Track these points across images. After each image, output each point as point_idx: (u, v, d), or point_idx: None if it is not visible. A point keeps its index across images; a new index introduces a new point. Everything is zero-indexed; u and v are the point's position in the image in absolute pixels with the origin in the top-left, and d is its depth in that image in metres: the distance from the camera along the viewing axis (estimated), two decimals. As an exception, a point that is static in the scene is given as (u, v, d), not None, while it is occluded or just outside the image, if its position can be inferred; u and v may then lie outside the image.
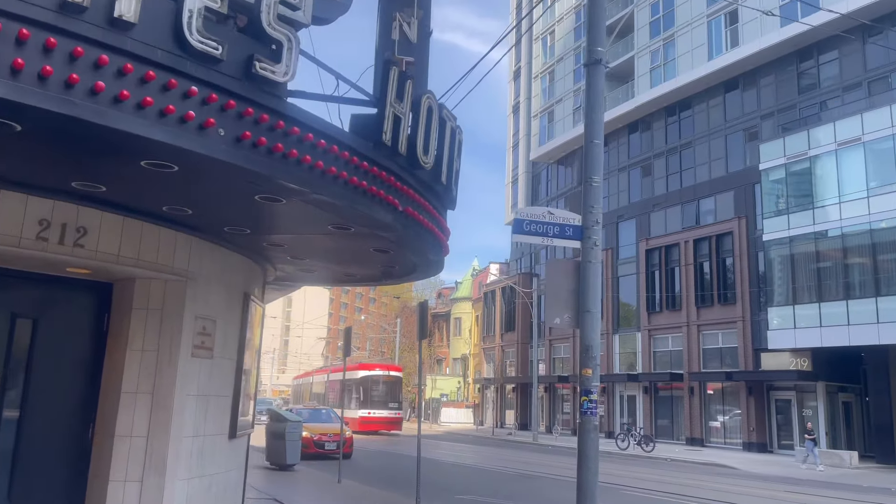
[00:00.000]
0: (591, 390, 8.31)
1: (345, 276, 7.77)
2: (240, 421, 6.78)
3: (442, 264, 7.01)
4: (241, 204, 4.92)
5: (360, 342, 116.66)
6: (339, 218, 5.05)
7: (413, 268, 6.97)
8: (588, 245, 8.61)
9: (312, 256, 6.82)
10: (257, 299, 7.39)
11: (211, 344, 6.24)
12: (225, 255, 6.49)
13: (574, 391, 44.83)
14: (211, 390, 6.28)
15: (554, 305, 8.64)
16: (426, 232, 5.84)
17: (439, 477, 17.99)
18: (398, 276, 7.47)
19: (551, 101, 50.95)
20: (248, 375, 7.23)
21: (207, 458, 6.22)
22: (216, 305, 6.35)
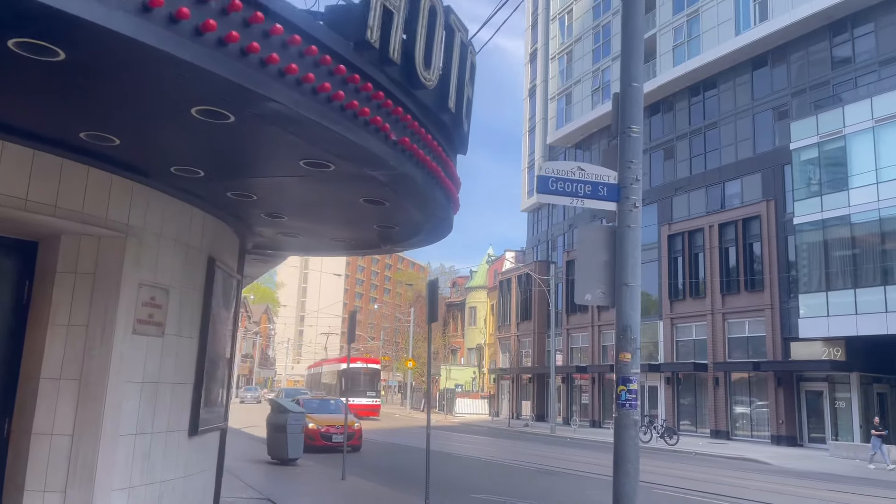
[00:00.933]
0: (630, 378, 6.98)
1: (335, 241, 6.51)
2: (205, 414, 5.55)
3: (451, 224, 5.72)
4: (177, 125, 3.65)
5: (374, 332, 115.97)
6: (310, 146, 3.77)
7: (416, 228, 5.69)
8: (626, 207, 7.29)
9: (291, 213, 5.55)
10: (229, 268, 6.15)
11: (161, 318, 5.00)
12: (182, 210, 5.24)
13: (593, 382, 43.46)
14: (163, 376, 5.05)
15: (585, 279, 7.31)
16: (429, 176, 4.56)
17: (453, 473, 16.76)
18: (399, 240, 6.20)
19: (569, 82, 49.34)
20: (219, 359, 5.99)
21: (157, 462, 4.99)
22: (169, 271, 5.11)
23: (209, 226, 5.58)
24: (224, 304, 6.10)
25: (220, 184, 4.83)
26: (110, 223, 4.57)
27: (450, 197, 5.17)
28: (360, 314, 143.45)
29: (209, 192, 5.09)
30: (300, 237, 6.40)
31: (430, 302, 10.85)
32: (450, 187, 5.07)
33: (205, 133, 3.72)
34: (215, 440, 6.20)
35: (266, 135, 3.72)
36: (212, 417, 5.79)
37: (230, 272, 6.19)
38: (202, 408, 5.47)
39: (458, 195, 5.51)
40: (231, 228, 6.11)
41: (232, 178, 4.69)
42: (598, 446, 28.51)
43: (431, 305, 10.80)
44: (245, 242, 6.82)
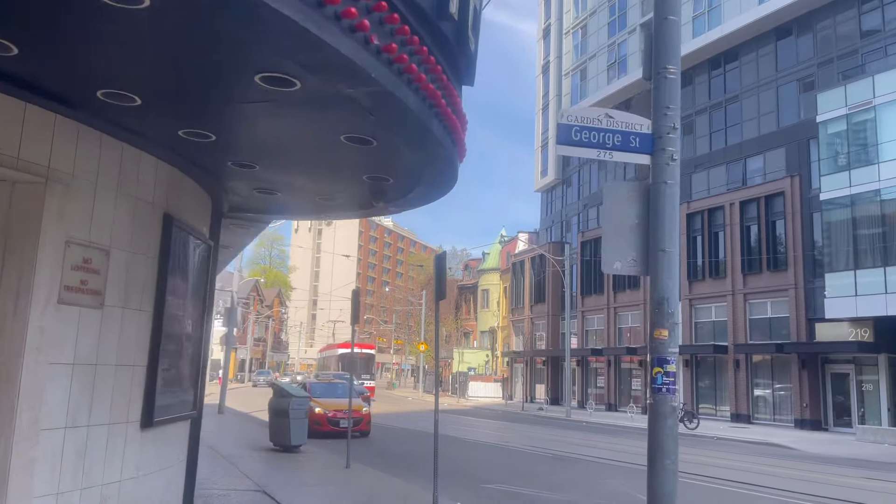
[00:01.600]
0: (668, 358, 6.00)
1: (322, 200, 5.56)
2: (163, 402, 4.64)
3: (455, 172, 4.75)
4: (88, 20, 2.69)
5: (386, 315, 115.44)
6: (265, 50, 2.80)
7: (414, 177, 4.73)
8: (661, 160, 6.31)
9: (262, 160, 4.61)
10: (198, 231, 5.22)
11: (99, 286, 4.08)
12: (127, 156, 4.30)
13: (608, 365, 42.47)
14: (103, 357, 4.14)
15: (613, 245, 6.31)
16: (424, 101, 3.59)
17: (464, 460, 15.90)
18: (395, 196, 5.23)
19: (584, 57, 47.93)
20: (185, 337, 5.07)
21: (97, 460, 4.10)
22: (109, 229, 4.19)
23: (165, 176, 4.64)
24: (191, 272, 5.17)
25: (165, 117, 3.89)
26: (24, 165, 3.64)
27: (453, 134, 4.20)
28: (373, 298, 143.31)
29: (156, 131, 4.15)
30: (280, 195, 5.45)
31: (437, 278, 9.89)
32: (452, 121, 4.10)
33: (127, 31, 2.77)
34: (182, 431, 5.30)
35: (205, 32, 2.76)
36: (174, 405, 4.88)
37: (199, 236, 5.26)
38: (158, 394, 4.56)
39: (464, 138, 4.53)
40: (198, 184, 5.17)
41: (175, 106, 3.74)
42: (615, 431, 27.61)
43: (439, 281, 9.84)
44: (219, 203, 5.89)
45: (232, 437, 17.97)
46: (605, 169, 46.28)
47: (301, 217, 6.09)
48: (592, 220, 47.04)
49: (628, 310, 41.84)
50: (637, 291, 40.69)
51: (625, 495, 11.82)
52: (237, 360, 78.80)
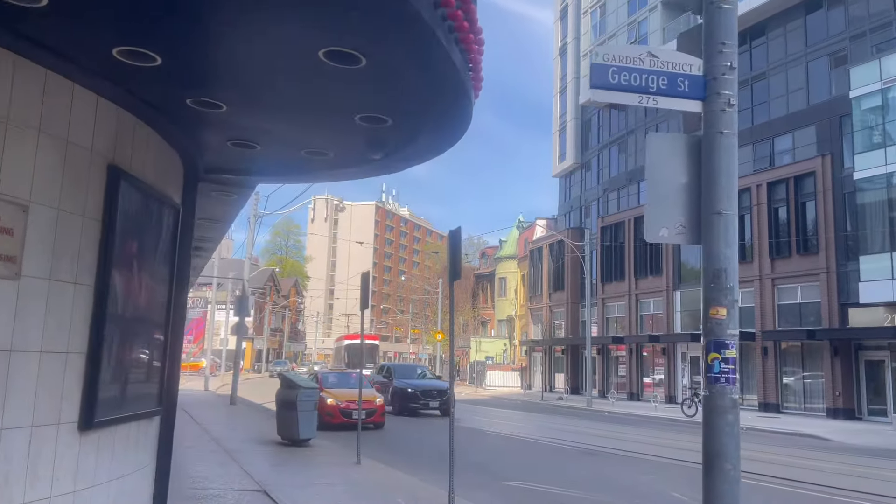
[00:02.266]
0: (727, 342, 5.05)
1: (309, 154, 4.63)
2: (110, 397, 3.76)
3: (469, 109, 3.80)
4: None
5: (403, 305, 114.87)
6: None
7: (417, 116, 3.78)
8: (716, 106, 5.33)
9: (223, 90, 3.69)
10: (158, 191, 4.31)
11: (13, 250, 3.19)
12: (52, 85, 3.40)
13: (630, 353, 41.38)
14: (21, 341, 3.25)
15: (657, 209, 5.32)
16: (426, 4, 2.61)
17: (482, 453, 15.02)
18: (396, 146, 4.28)
19: (603, 37, 46.55)
20: (143, 318, 4.18)
21: (15, 473, 3.22)
22: (29, 177, 3.29)
23: (109, 119, 3.74)
24: (153, 241, 4.27)
25: (91, 29, 2.98)
26: None
27: (467, 53, 3.25)
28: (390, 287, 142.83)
29: (83, 49, 3.24)
30: (260, 148, 4.54)
31: (451, 256, 8.95)
32: (465, 33, 3.14)
33: None
34: (144, 433, 4.41)
35: None
36: (130, 401, 4.00)
37: (163, 198, 4.36)
38: (104, 388, 3.68)
39: (481, 62, 3.58)
40: (161, 137, 4.27)
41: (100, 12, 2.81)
42: (639, 421, 26.62)
43: (453, 260, 8.90)
44: (192, 163, 4.99)
45: (240, 430, 17.22)
46: (625, 152, 45.02)
47: (290, 179, 5.19)
48: (612, 204, 45.81)
49: (650, 296, 40.69)
50: (659, 278, 39.53)
51: (662, 495, 10.86)
52: (254, 350, 78.55)
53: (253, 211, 28.50)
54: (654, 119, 42.18)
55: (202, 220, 6.82)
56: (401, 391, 24.42)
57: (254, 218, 28.30)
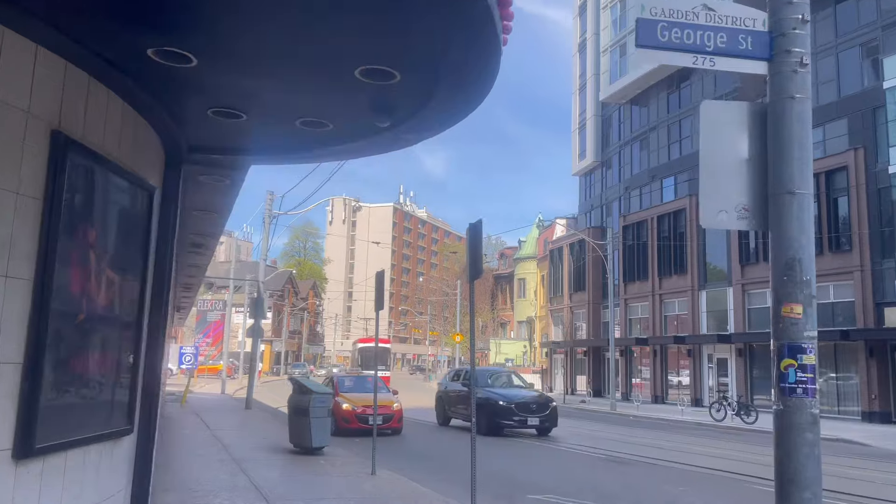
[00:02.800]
0: (803, 346, 4.26)
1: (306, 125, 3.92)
2: (55, 418, 3.06)
3: (497, 57, 3.06)
4: None
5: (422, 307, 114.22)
6: None
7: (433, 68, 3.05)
8: (786, 66, 4.55)
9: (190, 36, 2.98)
10: (127, 169, 3.62)
11: (-84, 234, 2.49)
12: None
13: (654, 354, 40.34)
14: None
15: (714, 190, 4.55)
16: None
17: (505, 462, 14.25)
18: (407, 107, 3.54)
19: (623, 32, 45.54)
20: (109, 321, 3.48)
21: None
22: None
23: (53, 74, 3.05)
24: (116, 226, 3.58)
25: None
26: None
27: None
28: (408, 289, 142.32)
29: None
30: (247, 118, 3.84)
31: (471, 252, 8.20)
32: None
33: None
34: (116, 455, 3.72)
35: None
36: (87, 421, 3.30)
37: (128, 175, 3.66)
38: (48, 406, 2.98)
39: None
40: (122, 99, 3.58)
41: None
42: (666, 426, 25.67)
43: (474, 256, 8.15)
44: (172, 139, 4.30)
45: (252, 436, 16.60)
46: (647, 148, 43.99)
47: (286, 158, 4.49)
48: (634, 202, 44.80)
49: (674, 296, 39.64)
50: (684, 277, 38.48)
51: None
52: (273, 352, 78.32)
53: (267, 211, 27.96)
54: (678, 114, 41.13)
55: (197, 211, 6.14)
56: (489, 404, 18.87)
57: (268, 218, 27.76)
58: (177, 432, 16.86)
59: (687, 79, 40.29)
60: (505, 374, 23.39)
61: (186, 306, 19.66)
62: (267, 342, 74.29)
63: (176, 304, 18.31)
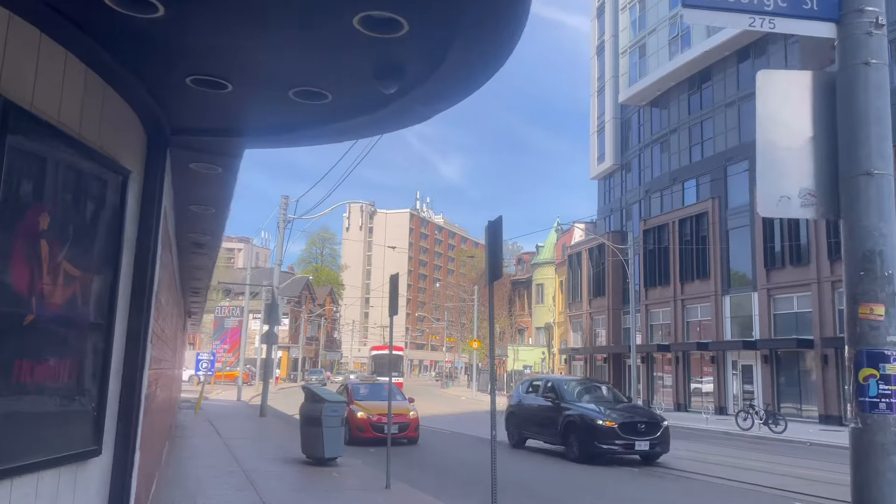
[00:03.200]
0: (886, 353, 3.65)
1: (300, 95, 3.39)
2: None
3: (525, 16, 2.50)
4: None
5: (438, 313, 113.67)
6: None
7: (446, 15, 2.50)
8: (858, 28, 3.97)
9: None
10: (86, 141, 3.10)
11: None
12: None
13: (676, 361, 39.45)
14: None
15: (773, 171, 3.97)
16: None
17: (525, 473, 13.63)
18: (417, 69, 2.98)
19: (642, 32, 44.86)
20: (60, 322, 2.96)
21: None
22: None
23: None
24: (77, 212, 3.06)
25: None
26: None
27: None
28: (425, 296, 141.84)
29: None
30: (232, 87, 3.31)
31: (490, 252, 7.64)
32: None
33: None
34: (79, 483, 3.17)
35: None
36: (33, 443, 2.78)
37: (95, 154, 3.15)
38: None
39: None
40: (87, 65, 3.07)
41: None
42: (691, 434, 24.83)
43: (493, 256, 7.59)
44: (153, 118, 3.79)
45: (264, 446, 16.10)
46: (668, 150, 43.20)
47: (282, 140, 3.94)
48: (655, 205, 43.98)
49: (697, 302, 38.75)
50: (707, 282, 37.60)
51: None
52: (290, 359, 78.11)
53: (282, 215, 27.58)
54: (699, 116, 40.32)
55: (193, 206, 5.63)
56: (585, 424, 15.39)
57: (282, 223, 27.37)
58: (188, 441, 16.42)
59: (709, 79, 39.49)
60: (595, 385, 19.64)
61: (197, 312, 19.25)
62: (284, 348, 74.09)
63: (187, 309, 17.91)
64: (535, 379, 20.30)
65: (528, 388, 19.02)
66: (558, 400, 16.58)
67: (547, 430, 16.81)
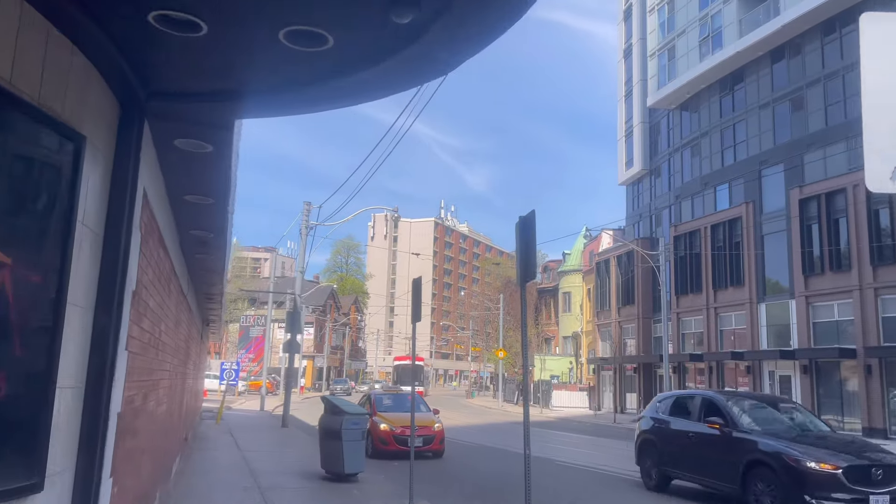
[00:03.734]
0: None
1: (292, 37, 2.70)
2: None
3: None
4: None
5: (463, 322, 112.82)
6: None
7: None
8: None
9: None
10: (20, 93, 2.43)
11: None
12: None
13: (709, 371, 38.18)
14: None
15: (883, 140, 3.15)
16: None
17: (557, 493, 12.79)
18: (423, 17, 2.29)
19: (671, 34, 43.84)
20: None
21: None
22: None
23: None
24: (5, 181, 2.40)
25: None
26: None
27: None
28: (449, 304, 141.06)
29: None
30: (206, 28, 2.63)
31: (522, 250, 6.90)
32: None
33: None
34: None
35: None
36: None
37: (32, 112, 2.50)
38: None
39: None
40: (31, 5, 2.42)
41: None
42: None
43: (525, 254, 6.85)
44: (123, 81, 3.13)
45: (283, 459, 15.45)
46: (699, 154, 42.07)
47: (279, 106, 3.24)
48: (686, 211, 42.83)
49: (731, 310, 37.49)
50: (741, 289, 36.37)
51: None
52: (315, 368, 77.75)
53: (304, 221, 27.08)
54: (731, 118, 39.19)
55: (188, 196, 4.98)
56: (784, 466, 10.47)
57: (304, 229, 26.86)
58: (205, 454, 15.84)
59: (741, 80, 38.37)
60: (778, 403, 13.87)
61: (216, 319, 18.72)
62: (309, 358, 73.78)
63: (204, 317, 17.37)
64: (682, 394, 14.69)
65: (673, 407, 13.87)
66: (730, 427, 11.69)
67: (712, 471, 11.95)
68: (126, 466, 4.24)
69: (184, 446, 14.39)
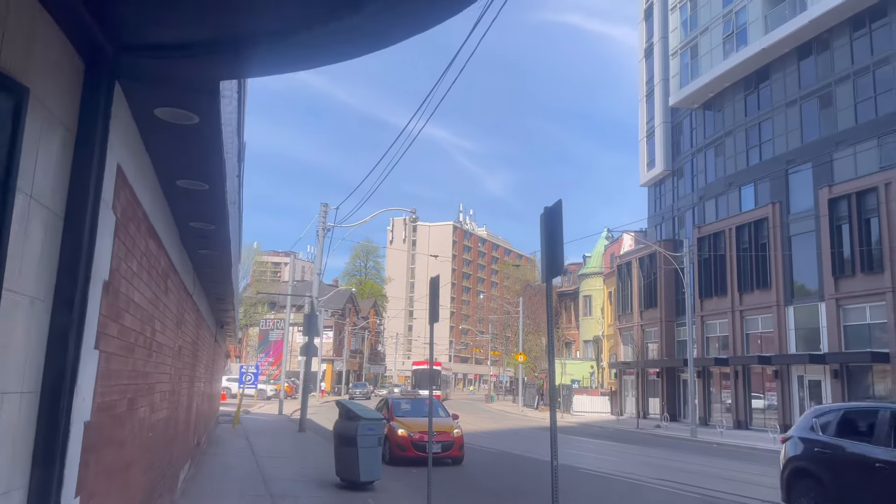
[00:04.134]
0: None
1: None
2: None
3: None
4: None
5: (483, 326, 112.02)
6: None
7: None
8: None
9: None
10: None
11: None
12: None
13: (735, 376, 37.22)
14: None
15: None
16: None
17: (580, 501, 12.20)
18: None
19: (694, 32, 43.00)
20: None
21: None
22: None
23: None
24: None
25: None
26: None
27: None
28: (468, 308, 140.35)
29: None
30: None
31: (547, 243, 6.36)
32: None
33: None
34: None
35: None
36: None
37: None
38: None
39: None
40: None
41: None
42: (755, 456, 22.90)
43: (551, 247, 6.31)
44: (84, 30, 2.67)
45: (297, 466, 14.99)
46: (723, 154, 41.17)
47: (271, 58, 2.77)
48: (710, 212, 41.93)
49: (757, 313, 36.54)
50: (767, 292, 35.42)
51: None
52: (334, 372, 77.49)
53: (321, 223, 26.71)
54: (756, 117, 38.28)
55: (180, 181, 4.51)
56: None
57: (321, 231, 26.48)
58: (218, 459, 15.43)
59: (766, 78, 37.48)
60: None
61: (230, 321, 18.33)
62: (328, 361, 73.55)
63: (218, 319, 16.99)
64: (856, 408, 10.43)
65: (841, 424, 10.10)
66: None
67: None
68: (104, 483, 3.76)
69: (196, 452, 13.97)
